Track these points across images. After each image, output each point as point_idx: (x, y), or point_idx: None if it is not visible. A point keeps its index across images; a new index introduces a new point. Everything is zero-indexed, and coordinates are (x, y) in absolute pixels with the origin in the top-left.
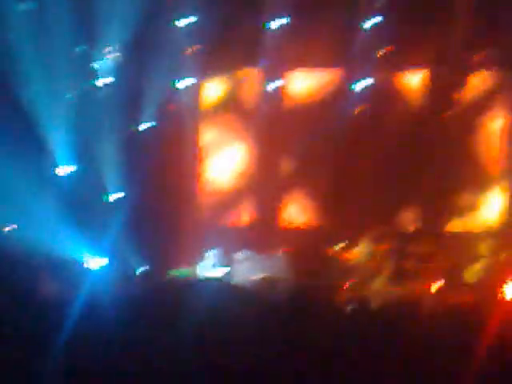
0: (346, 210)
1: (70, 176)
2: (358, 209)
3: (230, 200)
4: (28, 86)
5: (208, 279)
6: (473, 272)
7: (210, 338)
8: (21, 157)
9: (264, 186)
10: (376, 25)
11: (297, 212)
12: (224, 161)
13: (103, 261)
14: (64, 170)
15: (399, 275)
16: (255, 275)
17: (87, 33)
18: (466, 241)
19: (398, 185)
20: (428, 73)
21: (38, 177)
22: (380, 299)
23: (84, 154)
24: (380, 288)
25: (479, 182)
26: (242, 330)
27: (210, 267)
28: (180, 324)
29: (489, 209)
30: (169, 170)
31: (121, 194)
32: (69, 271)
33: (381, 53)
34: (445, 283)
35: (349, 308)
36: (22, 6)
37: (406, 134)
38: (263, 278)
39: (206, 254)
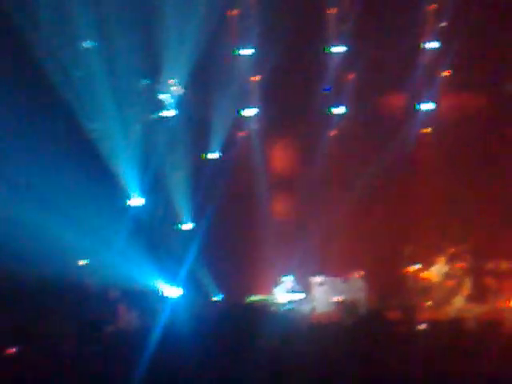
0: (421, 231)
1: (142, 207)
2: (434, 229)
3: (305, 224)
4: (97, 120)
5: (284, 306)
6: None
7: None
8: (93, 190)
9: (339, 209)
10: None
11: (372, 234)
12: (297, 184)
13: (180, 289)
14: (136, 201)
15: (478, 293)
16: (331, 299)
17: (152, 66)
18: None
19: (473, 204)
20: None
21: (110, 209)
22: (459, 318)
23: (155, 185)
24: (459, 307)
25: None
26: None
27: (286, 292)
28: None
29: None
30: (241, 197)
31: (194, 224)
32: (146, 301)
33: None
34: None
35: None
36: (88, 44)
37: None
38: (340, 302)
39: (282, 280)
